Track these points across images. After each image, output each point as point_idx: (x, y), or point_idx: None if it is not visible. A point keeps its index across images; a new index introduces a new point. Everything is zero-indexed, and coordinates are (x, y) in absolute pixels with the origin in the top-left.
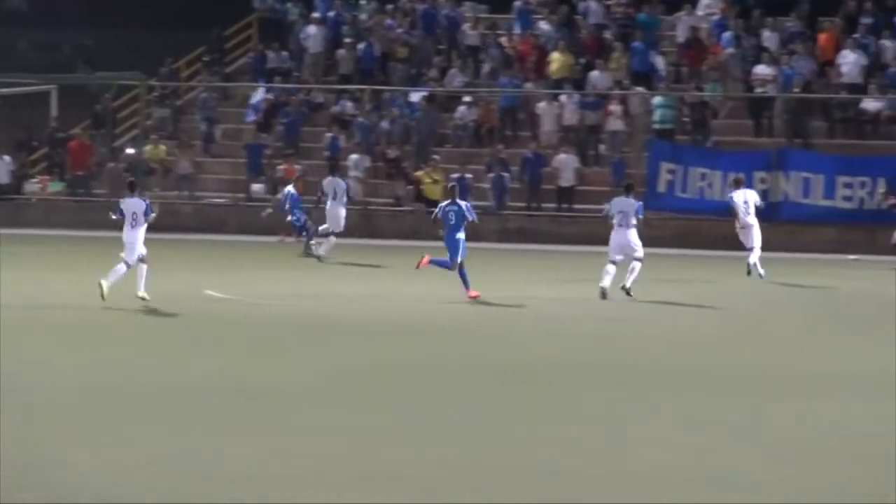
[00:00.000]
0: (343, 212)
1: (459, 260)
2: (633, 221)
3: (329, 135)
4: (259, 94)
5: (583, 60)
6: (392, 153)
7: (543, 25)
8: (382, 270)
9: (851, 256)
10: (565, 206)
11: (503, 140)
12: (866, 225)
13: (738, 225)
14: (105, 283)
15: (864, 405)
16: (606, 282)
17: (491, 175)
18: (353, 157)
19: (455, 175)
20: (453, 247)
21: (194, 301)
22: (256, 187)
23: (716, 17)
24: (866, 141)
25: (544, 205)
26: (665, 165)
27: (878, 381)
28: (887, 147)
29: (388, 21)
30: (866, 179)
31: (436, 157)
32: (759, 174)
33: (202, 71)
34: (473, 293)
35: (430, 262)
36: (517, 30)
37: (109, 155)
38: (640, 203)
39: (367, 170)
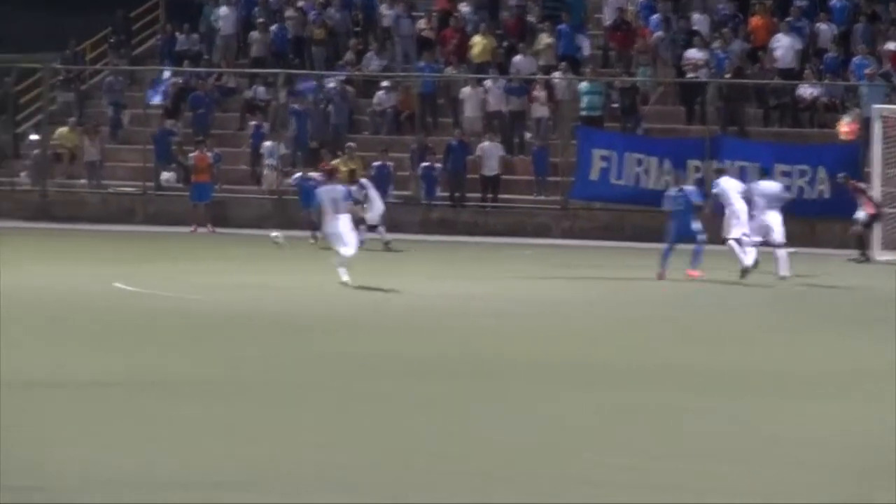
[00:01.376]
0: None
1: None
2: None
3: (253, 123)
4: (164, 77)
5: (505, 44)
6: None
7: (463, 7)
8: (300, 261)
9: (791, 249)
10: (490, 196)
11: (423, 127)
12: (806, 216)
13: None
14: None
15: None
16: (749, 260)
17: (424, 164)
18: (267, 144)
19: (376, 163)
20: (683, 232)
21: (103, 294)
22: (166, 176)
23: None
24: (803, 129)
25: (468, 194)
26: (597, 152)
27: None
28: (824, 135)
29: (302, 2)
30: (806, 168)
31: (351, 144)
32: (692, 162)
33: (108, 54)
34: (694, 272)
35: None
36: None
37: (12, 141)
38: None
39: (283, 157)
